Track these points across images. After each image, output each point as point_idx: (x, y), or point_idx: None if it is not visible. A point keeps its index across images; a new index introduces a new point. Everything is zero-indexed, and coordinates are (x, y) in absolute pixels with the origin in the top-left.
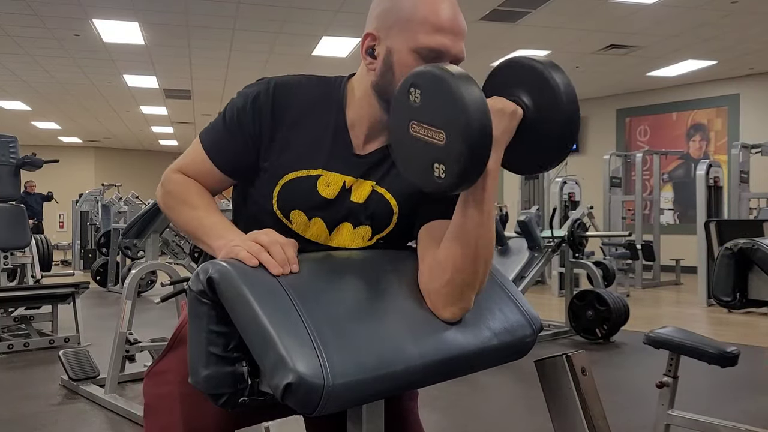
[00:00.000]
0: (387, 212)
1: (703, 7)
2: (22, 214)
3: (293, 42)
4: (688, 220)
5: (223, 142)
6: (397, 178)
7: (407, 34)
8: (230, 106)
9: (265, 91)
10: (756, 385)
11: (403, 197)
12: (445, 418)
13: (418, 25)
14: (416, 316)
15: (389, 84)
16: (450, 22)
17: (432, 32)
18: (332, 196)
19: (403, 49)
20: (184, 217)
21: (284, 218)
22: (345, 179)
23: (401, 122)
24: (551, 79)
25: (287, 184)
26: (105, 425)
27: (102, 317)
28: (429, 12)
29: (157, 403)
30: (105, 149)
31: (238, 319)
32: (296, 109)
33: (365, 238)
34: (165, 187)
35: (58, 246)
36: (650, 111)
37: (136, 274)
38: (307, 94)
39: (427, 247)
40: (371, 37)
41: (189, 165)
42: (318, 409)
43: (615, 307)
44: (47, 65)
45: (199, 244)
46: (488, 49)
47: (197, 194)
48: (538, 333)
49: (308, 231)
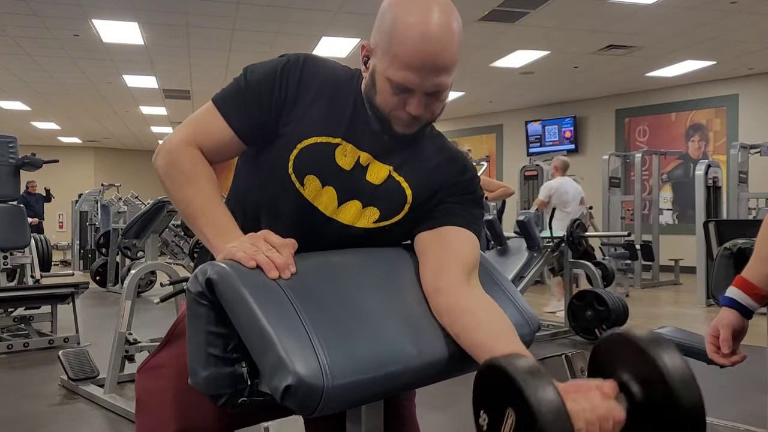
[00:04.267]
0: (400, 200)
1: (702, 7)
2: (22, 214)
3: (293, 42)
4: (687, 220)
5: (243, 106)
6: (417, 170)
7: (384, 61)
8: (254, 72)
9: (295, 60)
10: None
11: (419, 189)
12: (445, 418)
13: (391, 56)
14: (415, 315)
15: (373, 96)
16: (423, 60)
17: (401, 68)
18: (348, 168)
19: (381, 74)
20: (185, 195)
21: (298, 182)
22: (360, 154)
23: None
24: (658, 360)
25: (305, 148)
26: (104, 425)
27: (101, 317)
28: (402, 48)
29: (149, 398)
30: (104, 149)
31: (237, 320)
32: (322, 81)
33: (371, 220)
34: (170, 156)
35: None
36: (649, 111)
37: (135, 274)
38: (334, 71)
39: (432, 246)
40: (366, 48)
41: (201, 131)
42: (317, 410)
43: (614, 307)
44: (47, 65)
45: (193, 228)
46: (488, 49)
47: (205, 178)
48: (536, 332)
49: (318, 199)
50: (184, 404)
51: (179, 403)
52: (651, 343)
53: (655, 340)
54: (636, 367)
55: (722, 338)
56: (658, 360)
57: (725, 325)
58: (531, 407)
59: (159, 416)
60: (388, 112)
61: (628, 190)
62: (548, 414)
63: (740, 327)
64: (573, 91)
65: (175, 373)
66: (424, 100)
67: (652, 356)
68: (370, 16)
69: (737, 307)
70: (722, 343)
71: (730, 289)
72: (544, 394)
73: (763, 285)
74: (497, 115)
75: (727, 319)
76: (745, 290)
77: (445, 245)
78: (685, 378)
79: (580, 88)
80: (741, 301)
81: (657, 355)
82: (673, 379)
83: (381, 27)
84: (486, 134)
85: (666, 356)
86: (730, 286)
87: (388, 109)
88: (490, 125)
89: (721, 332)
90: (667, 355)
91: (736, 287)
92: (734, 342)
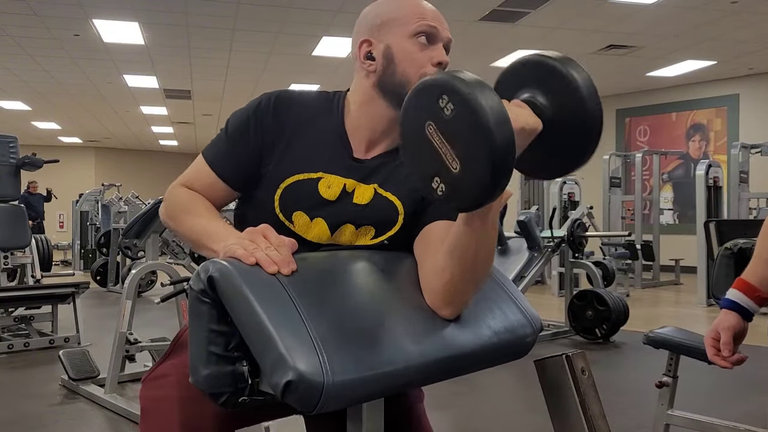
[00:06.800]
0: (392, 214)
1: (702, 7)
2: (22, 214)
3: (293, 42)
4: (687, 220)
5: (226, 154)
6: (402, 181)
7: (399, 28)
8: (232, 120)
9: (267, 100)
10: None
11: (408, 199)
12: (445, 418)
13: (405, 18)
14: (416, 314)
15: (393, 74)
16: (431, 12)
17: (420, 19)
18: (333, 198)
19: (400, 40)
20: (187, 224)
21: (286, 220)
22: (345, 182)
23: (418, 117)
24: (569, 76)
25: (289, 187)
26: (105, 425)
27: (102, 317)
28: (406, 8)
29: (154, 407)
30: (105, 149)
31: (238, 317)
32: (297, 117)
33: (368, 238)
34: (169, 200)
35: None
36: (650, 111)
37: (136, 274)
38: (308, 104)
39: (429, 245)
40: (366, 42)
41: (193, 179)
42: (318, 407)
43: (615, 307)
44: (47, 65)
45: (201, 251)
46: (488, 49)
47: (201, 204)
48: (539, 333)
49: (310, 232)
50: (187, 413)
51: (183, 412)
52: (557, 58)
53: (564, 58)
54: (542, 82)
55: (723, 342)
56: (563, 71)
57: (726, 328)
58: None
59: (163, 425)
60: (415, 74)
61: (629, 189)
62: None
63: (741, 329)
64: None
65: (178, 382)
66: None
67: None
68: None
69: (738, 310)
70: (723, 347)
71: (731, 291)
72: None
73: (764, 287)
74: None
75: (728, 322)
76: (745, 292)
77: (430, 240)
78: (589, 87)
79: None
80: (741, 303)
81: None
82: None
83: (372, 19)
84: None
85: (571, 68)
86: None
87: (415, 71)
88: None
89: (722, 335)
90: (571, 66)
91: (737, 289)
92: (734, 344)
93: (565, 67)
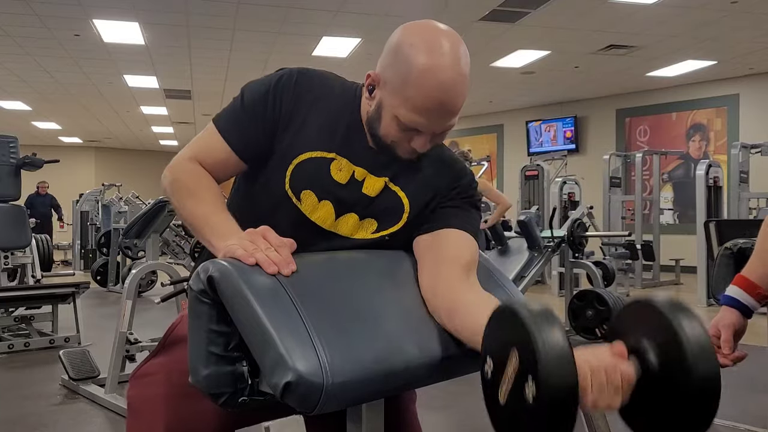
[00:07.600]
0: (398, 210)
1: (703, 7)
2: (23, 214)
3: (293, 42)
4: (687, 220)
5: (240, 125)
6: (412, 179)
7: (394, 100)
8: (248, 92)
9: (288, 75)
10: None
11: (416, 199)
12: (445, 418)
13: (403, 98)
14: (416, 315)
15: (377, 127)
16: (436, 107)
17: (412, 111)
18: (344, 182)
19: (389, 110)
20: (189, 208)
21: (294, 197)
22: (355, 169)
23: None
24: (677, 328)
25: (301, 164)
26: (105, 425)
27: (102, 317)
28: (416, 93)
29: (140, 405)
30: (105, 149)
31: (237, 317)
32: (316, 95)
33: (369, 231)
34: (174, 174)
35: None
36: (650, 111)
37: (136, 274)
38: (328, 85)
39: (428, 249)
40: (372, 78)
41: (202, 149)
42: (317, 407)
43: (615, 306)
44: (47, 65)
45: (199, 238)
46: (488, 49)
47: (206, 188)
48: None
49: (316, 213)
50: (174, 411)
51: (170, 410)
52: (670, 307)
53: (675, 306)
54: (652, 331)
55: (723, 339)
56: (675, 325)
57: (726, 325)
58: (534, 344)
59: (149, 423)
60: (391, 142)
61: (629, 189)
62: (552, 352)
63: (741, 326)
64: (573, 91)
65: (166, 380)
66: (430, 138)
67: (670, 320)
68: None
69: (738, 306)
70: (723, 344)
71: (731, 287)
72: (550, 333)
73: (764, 284)
74: (498, 115)
75: (728, 319)
76: (746, 289)
77: (442, 247)
78: (703, 346)
79: (581, 88)
80: (742, 300)
81: (675, 320)
82: (690, 346)
83: (394, 65)
84: (487, 134)
85: (685, 321)
86: (730, 285)
87: (391, 140)
88: (490, 125)
89: (723, 332)
90: (686, 320)
91: (737, 286)
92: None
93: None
